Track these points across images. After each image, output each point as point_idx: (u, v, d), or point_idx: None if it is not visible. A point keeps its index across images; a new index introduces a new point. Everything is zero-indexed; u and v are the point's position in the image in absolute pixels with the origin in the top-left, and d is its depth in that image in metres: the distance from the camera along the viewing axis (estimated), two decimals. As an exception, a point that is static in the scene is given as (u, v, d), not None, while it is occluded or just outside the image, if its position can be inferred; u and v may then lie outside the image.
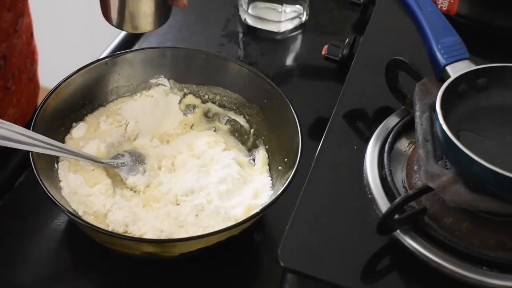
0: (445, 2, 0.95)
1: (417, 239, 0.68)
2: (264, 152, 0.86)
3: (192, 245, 0.74)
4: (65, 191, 0.78)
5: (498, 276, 0.66)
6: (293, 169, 0.76)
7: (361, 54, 0.91)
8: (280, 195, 0.75)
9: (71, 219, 0.73)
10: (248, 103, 0.88)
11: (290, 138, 0.81)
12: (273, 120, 0.86)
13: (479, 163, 0.64)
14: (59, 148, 0.77)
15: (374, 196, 0.72)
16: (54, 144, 0.77)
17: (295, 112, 0.82)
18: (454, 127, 0.69)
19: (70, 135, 0.84)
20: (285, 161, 0.81)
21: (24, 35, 0.99)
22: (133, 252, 0.75)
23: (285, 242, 0.69)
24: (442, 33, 0.78)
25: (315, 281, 0.68)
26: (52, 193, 0.73)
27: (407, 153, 0.77)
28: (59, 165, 0.80)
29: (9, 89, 0.95)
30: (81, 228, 0.75)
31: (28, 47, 1.01)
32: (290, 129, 0.81)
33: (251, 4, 1.10)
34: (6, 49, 0.94)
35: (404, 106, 0.81)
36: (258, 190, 0.82)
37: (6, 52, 0.94)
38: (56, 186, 0.77)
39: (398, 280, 0.69)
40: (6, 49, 0.94)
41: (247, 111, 0.88)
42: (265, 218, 0.83)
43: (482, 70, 0.74)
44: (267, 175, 0.84)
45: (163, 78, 0.89)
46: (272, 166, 0.85)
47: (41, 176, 0.73)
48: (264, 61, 1.06)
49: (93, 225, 0.73)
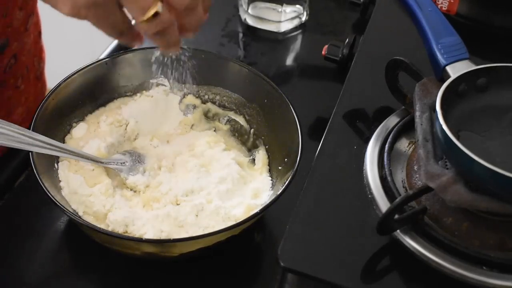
0: (445, 2, 0.95)
1: (417, 239, 0.68)
2: (264, 152, 0.86)
3: (192, 245, 0.73)
4: (65, 191, 0.78)
5: (498, 276, 0.66)
6: (293, 169, 0.76)
7: (361, 54, 0.91)
8: (280, 195, 0.75)
9: (71, 219, 0.73)
10: (248, 103, 0.88)
11: (290, 138, 0.81)
12: (273, 120, 0.86)
13: (479, 163, 0.64)
14: (59, 148, 0.77)
15: (374, 196, 0.72)
16: (54, 144, 0.77)
17: (295, 112, 0.82)
18: (454, 127, 0.69)
19: (70, 135, 0.84)
20: (285, 161, 0.81)
21: (32, 34, 0.99)
22: (133, 252, 0.75)
23: (285, 242, 0.69)
24: (442, 33, 0.78)
25: (315, 281, 0.68)
26: (52, 193, 0.73)
27: (407, 153, 0.77)
28: (59, 165, 0.80)
29: (18, 88, 0.95)
30: (81, 228, 0.75)
31: (36, 46, 1.02)
32: (290, 129, 0.81)
33: (251, 4, 1.10)
34: (17, 48, 0.94)
35: (404, 106, 0.81)
36: (258, 190, 0.82)
37: (17, 50, 0.94)
38: (56, 186, 0.77)
39: (398, 280, 0.69)
40: (17, 47, 0.94)
41: (247, 111, 0.88)
42: (265, 218, 0.83)
43: (482, 70, 0.74)
44: (267, 175, 0.84)
45: (163, 78, 0.89)
46: (272, 166, 0.85)
47: (41, 176, 0.73)
48: (264, 61, 1.06)
49: (93, 225, 0.73)
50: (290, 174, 0.76)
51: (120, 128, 0.86)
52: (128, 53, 0.88)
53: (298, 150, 0.78)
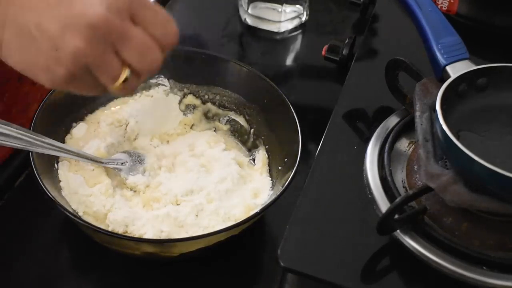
0: (445, 2, 0.95)
1: (417, 239, 0.68)
2: (264, 152, 0.86)
3: (192, 245, 0.74)
4: (65, 191, 0.78)
5: (498, 276, 0.66)
6: (293, 169, 0.76)
7: (361, 54, 0.91)
8: (280, 195, 0.75)
9: (71, 219, 0.73)
10: (248, 103, 0.88)
11: (290, 138, 0.81)
12: (273, 120, 0.86)
13: (479, 163, 0.64)
14: (59, 148, 0.77)
15: (374, 196, 0.72)
16: (54, 144, 0.77)
17: (294, 112, 0.82)
18: (454, 127, 0.69)
19: (70, 135, 0.84)
20: (285, 161, 0.81)
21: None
22: (133, 252, 0.75)
23: (285, 242, 0.69)
24: (442, 33, 0.78)
25: (315, 281, 0.68)
26: (52, 193, 0.73)
27: (407, 153, 0.77)
28: (59, 165, 0.80)
29: (35, 85, 0.95)
30: (81, 228, 0.75)
31: None
32: (290, 129, 0.81)
33: (251, 4, 1.10)
34: None
35: (404, 106, 0.81)
36: (258, 190, 0.82)
37: None
38: (56, 186, 0.77)
39: (398, 280, 0.69)
40: None
41: (247, 111, 0.88)
42: (265, 218, 0.83)
43: (482, 70, 0.74)
44: (267, 175, 0.84)
45: (163, 78, 0.89)
46: (272, 166, 0.85)
47: (41, 176, 0.73)
48: (264, 61, 1.06)
49: (93, 225, 0.73)
50: (290, 174, 0.76)
51: (120, 128, 0.86)
52: None
53: (298, 150, 0.78)
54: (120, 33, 0.61)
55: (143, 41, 0.62)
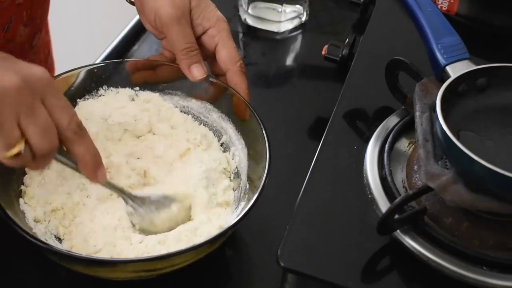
0: (445, 2, 0.95)
1: (417, 239, 0.68)
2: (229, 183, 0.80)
3: (180, 262, 0.71)
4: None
5: (498, 276, 0.66)
6: (257, 191, 0.72)
7: (361, 54, 0.91)
8: (242, 218, 0.71)
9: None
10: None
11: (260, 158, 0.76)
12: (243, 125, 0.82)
13: (479, 163, 0.64)
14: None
15: (374, 196, 0.72)
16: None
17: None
18: (454, 127, 0.69)
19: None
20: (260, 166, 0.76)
21: (42, 52, 0.99)
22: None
23: (285, 242, 0.69)
24: (442, 33, 0.78)
25: (315, 281, 0.68)
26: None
27: (407, 153, 0.77)
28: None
29: None
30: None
31: (45, 65, 1.01)
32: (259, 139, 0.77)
33: (251, 4, 1.10)
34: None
35: (404, 106, 0.81)
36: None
37: None
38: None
39: (398, 280, 0.69)
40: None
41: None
42: (265, 218, 0.83)
43: (482, 70, 0.74)
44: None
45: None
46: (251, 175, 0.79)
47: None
48: (264, 61, 1.06)
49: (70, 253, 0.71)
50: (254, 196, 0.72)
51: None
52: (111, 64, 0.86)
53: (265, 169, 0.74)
54: (29, 107, 0.63)
55: (48, 123, 0.64)
